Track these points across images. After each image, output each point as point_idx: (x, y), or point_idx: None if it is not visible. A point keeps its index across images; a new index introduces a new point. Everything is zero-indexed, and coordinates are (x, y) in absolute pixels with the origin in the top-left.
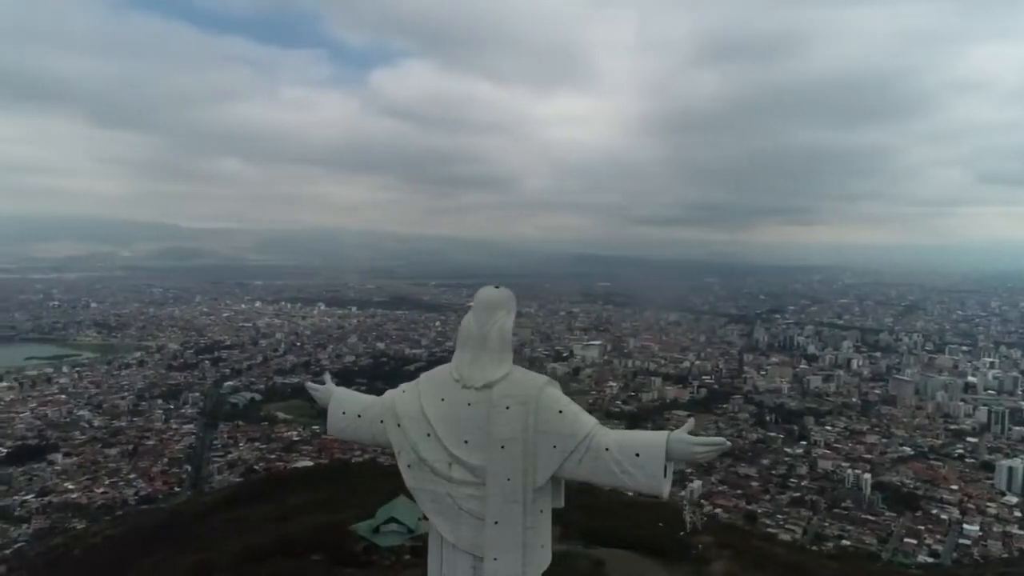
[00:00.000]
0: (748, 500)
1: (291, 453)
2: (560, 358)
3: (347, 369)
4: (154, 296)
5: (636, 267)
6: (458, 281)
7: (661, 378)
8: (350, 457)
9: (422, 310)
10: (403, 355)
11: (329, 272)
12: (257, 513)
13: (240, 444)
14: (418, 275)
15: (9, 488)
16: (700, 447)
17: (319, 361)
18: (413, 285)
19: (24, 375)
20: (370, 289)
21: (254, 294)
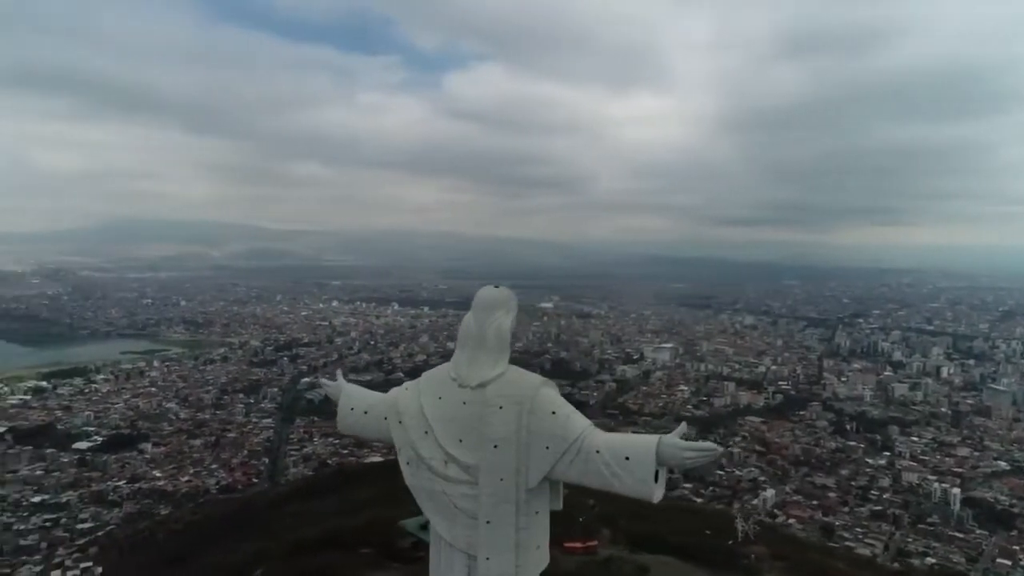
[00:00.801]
0: (825, 512)
1: (363, 449)
2: (630, 360)
3: (418, 368)
4: (238, 295)
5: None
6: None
7: (735, 383)
8: None
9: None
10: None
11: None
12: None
13: (314, 439)
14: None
15: (104, 474)
16: (690, 452)
17: (391, 359)
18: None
19: (119, 368)
20: (442, 289)
21: (331, 294)
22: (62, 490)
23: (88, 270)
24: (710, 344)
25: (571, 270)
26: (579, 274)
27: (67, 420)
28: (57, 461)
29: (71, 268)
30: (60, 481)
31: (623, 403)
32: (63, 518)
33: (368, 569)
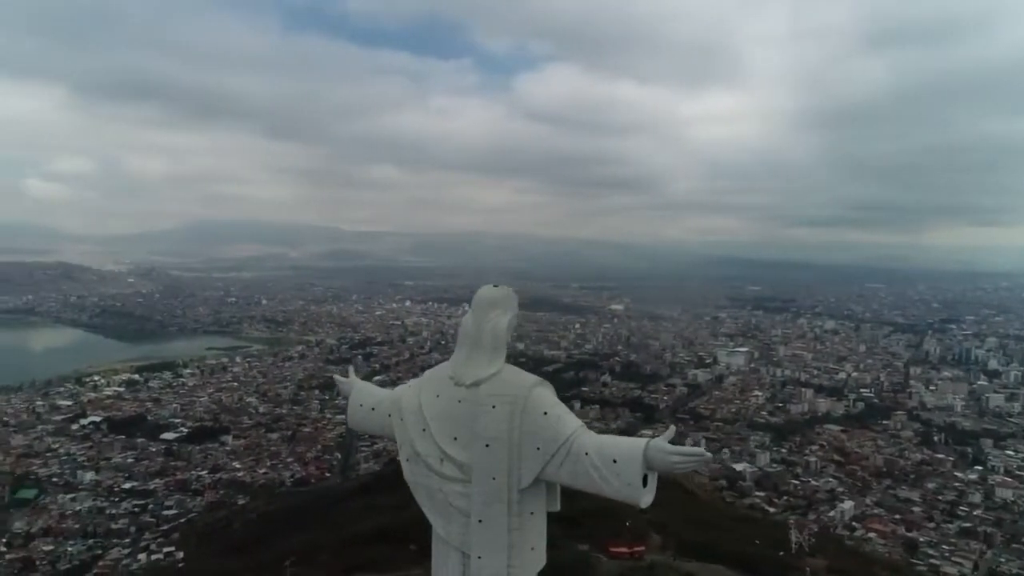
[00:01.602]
0: (908, 527)
1: None
2: (702, 364)
3: None
4: (315, 294)
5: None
6: (600, 284)
7: (813, 389)
8: None
9: (562, 312)
10: (541, 356)
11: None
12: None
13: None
14: (559, 277)
15: (188, 464)
16: (678, 457)
17: None
18: (554, 287)
19: (205, 363)
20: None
21: (405, 294)
22: (150, 478)
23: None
24: (787, 349)
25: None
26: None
27: (156, 412)
28: (146, 450)
29: (163, 268)
30: (148, 469)
31: (694, 408)
32: (150, 504)
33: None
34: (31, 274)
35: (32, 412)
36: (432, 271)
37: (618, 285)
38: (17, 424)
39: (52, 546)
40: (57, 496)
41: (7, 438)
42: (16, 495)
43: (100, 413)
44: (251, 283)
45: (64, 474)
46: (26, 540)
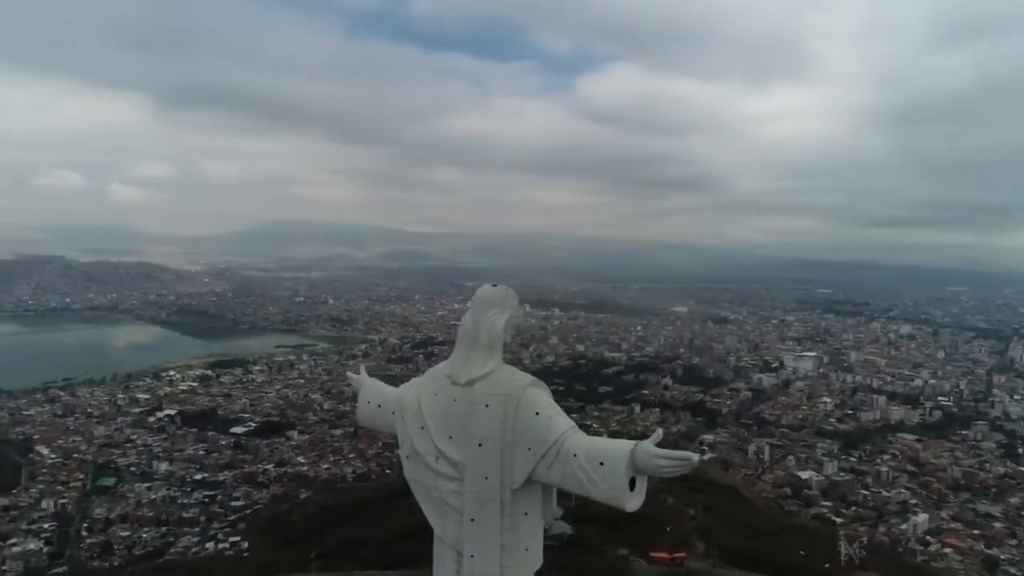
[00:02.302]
0: (988, 543)
1: None
2: (768, 368)
3: (546, 369)
4: (379, 294)
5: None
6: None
7: (886, 396)
8: None
9: (623, 314)
10: (602, 358)
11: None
12: None
13: None
14: (621, 278)
15: (255, 457)
16: (664, 460)
17: (520, 360)
18: (615, 289)
19: (273, 360)
20: (573, 292)
21: (466, 294)
22: (219, 470)
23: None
24: (859, 354)
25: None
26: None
27: (227, 406)
28: (216, 443)
29: (236, 268)
30: (218, 461)
31: (758, 413)
32: (219, 495)
33: None
34: (115, 273)
35: (113, 404)
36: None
37: (681, 287)
38: (100, 415)
39: (128, 532)
40: (134, 485)
41: (91, 428)
42: (97, 483)
43: (175, 407)
44: (318, 283)
45: (141, 464)
46: (105, 525)
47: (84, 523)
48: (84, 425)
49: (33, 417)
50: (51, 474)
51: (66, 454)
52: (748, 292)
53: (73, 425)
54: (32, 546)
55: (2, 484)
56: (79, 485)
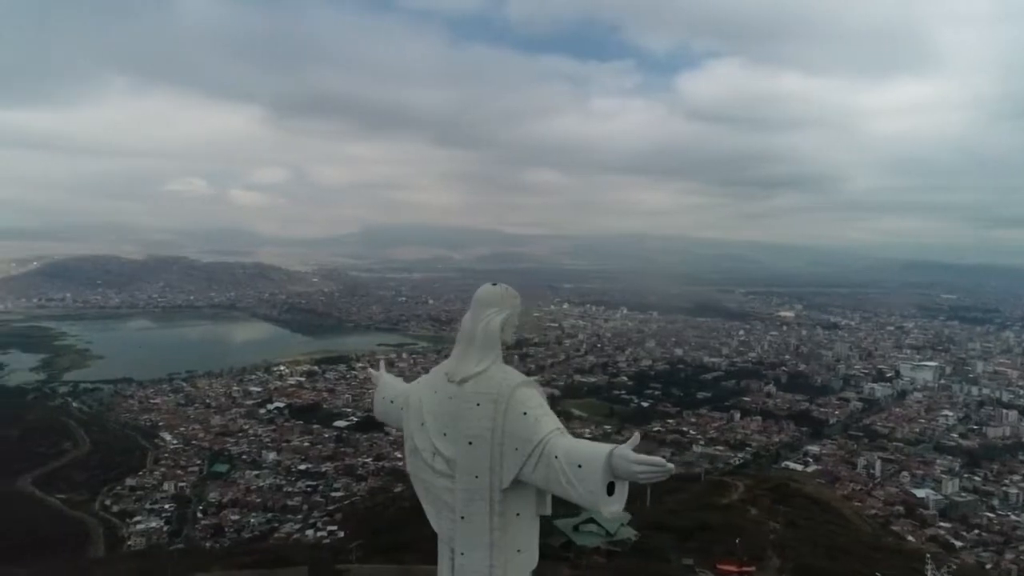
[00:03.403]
0: None
1: None
2: (882, 378)
3: (643, 373)
4: None
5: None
6: (768, 289)
7: (1017, 411)
8: None
9: (725, 318)
10: (701, 363)
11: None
12: None
13: None
14: (724, 282)
15: (356, 450)
16: (640, 466)
17: (616, 363)
18: (718, 292)
19: (375, 358)
20: (673, 295)
21: (563, 296)
22: (322, 461)
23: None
24: (987, 365)
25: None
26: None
27: (331, 401)
28: (320, 436)
29: (343, 269)
30: (321, 453)
31: (869, 425)
32: (320, 485)
33: None
34: (233, 273)
35: (229, 396)
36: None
37: (788, 290)
38: (217, 405)
39: (238, 516)
40: (245, 472)
41: (208, 417)
42: (212, 468)
43: (284, 399)
44: (419, 284)
45: (251, 452)
46: (218, 509)
47: (200, 506)
48: (203, 414)
49: (159, 405)
50: (172, 459)
51: (186, 440)
52: (862, 296)
53: (193, 414)
54: (154, 524)
55: (130, 466)
56: (196, 470)
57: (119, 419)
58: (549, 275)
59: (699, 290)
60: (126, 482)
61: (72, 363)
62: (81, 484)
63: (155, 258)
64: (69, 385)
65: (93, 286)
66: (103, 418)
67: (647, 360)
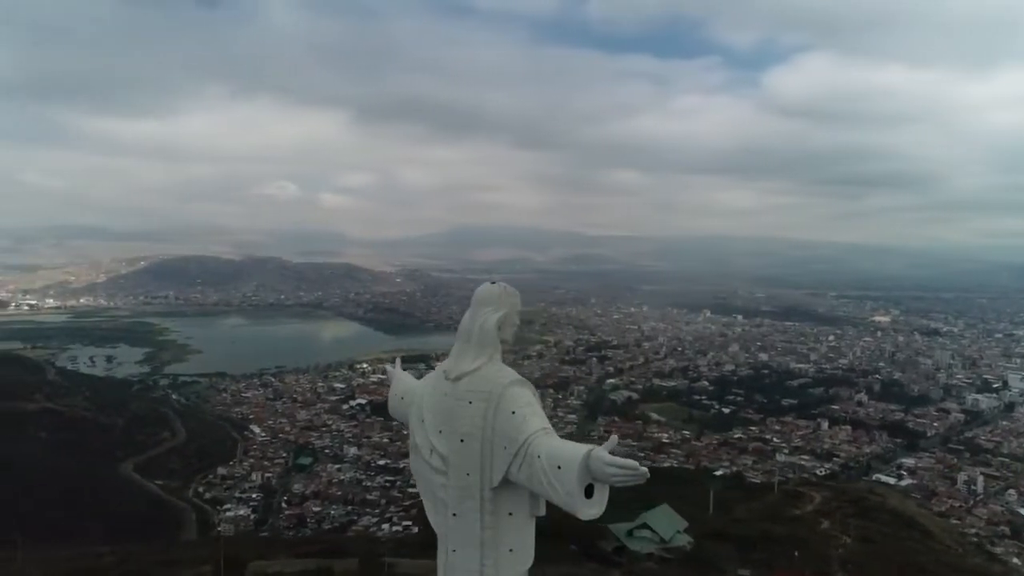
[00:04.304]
0: None
1: (659, 454)
2: (987, 388)
3: (725, 378)
4: (556, 296)
5: None
6: (863, 292)
7: None
8: (716, 467)
9: (815, 322)
10: (787, 369)
11: (717, 279)
12: None
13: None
14: (816, 285)
15: None
16: (614, 469)
17: (697, 367)
18: (808, 295)
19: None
20: (759, 298)
21: (643, 298)
22: (401, 457)
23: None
24: None
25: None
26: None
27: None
28: (400, 433)
29: (425, 269)
30: (400, 449)
31: (972, 438)
32: (398, 481)
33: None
34: (322, 273)
35: (314, 391)
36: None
37: (884, 294)
38: (303, 400)
39: (319, 508)
40: (327, 465)
41: (295, 412)
42: (297, 461)
43: (365, 396)
44: None
45: (334, 447)
46: (301, 500)
47: (284, 496)
48: (289, 408)
49: (249, 399)
50: (260, 450)
51: (273, 433)
52: (966, 302)
53: (281, 408)
54: (242, 512)
55: (222, 456)
56: (282, 462)
57: (213, 411)
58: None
59: (786, 293)
60: (217, 471)
61: (173, 357)
62: (177, 471)
63: (250, 258)
64: (169, 378)
65: (193, 284)
66: (199, 410)
67: (729, 365)
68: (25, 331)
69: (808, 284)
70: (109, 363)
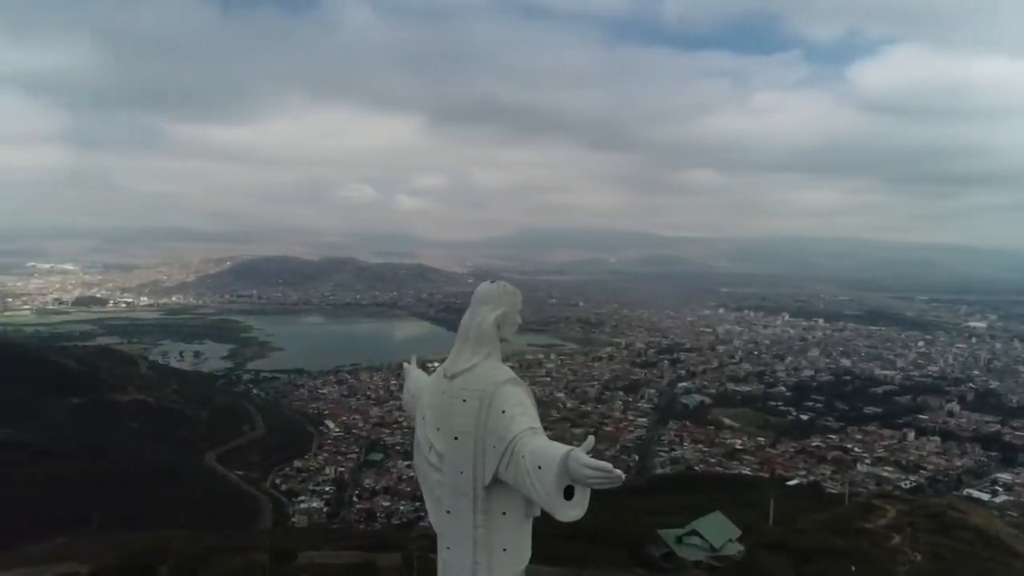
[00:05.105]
0: None
1: (731, 460)
2: None
3: (804, 383)
4: (629, 298)
5: None
6: (956, 296)
7: None
8: (791, 476)
9: (903, 327)
10: (871, 375)
11: (798, 281)
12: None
13: (684, 443)
14: (904, 288)
15: None
16: (590, 471)
17: (774, 372)
18: (896, 299)
19: (523, 358)
20: (842, 301)
21: (719, 301)
22: None
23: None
24: None
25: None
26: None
27: None
28: None
29: (496, 270)
30: None
31: None
32: None
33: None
34: (396, 274)
35: (387, 389)
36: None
37: (980, 298)
38: (376, 398)
39: (389, 503)
40: (397, 461)
41: (368, 408)
42: (369, 456)
43: None
44: (571, 286)
45: (404, 444)
46: (371, 495)
47: (356, 491)
48: (363, 405)
49: (325, 395)
50: (334, 445)
51: (347, 429)
52: None
53: (355, 404)
54: (315, 504)
55: (298, 450)
56: (355, 457)
57: (291, 406)
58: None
59: (872, 296)
60: (293, 464)
61: (255, 353)
62: (255, 463)
63: (328, 259)
64: (251, 373)
65: (275, 284)
66: (277, 404)
67: (809, 370)
68: (122, 326)
69: (896, 287)
70: (196, 358)
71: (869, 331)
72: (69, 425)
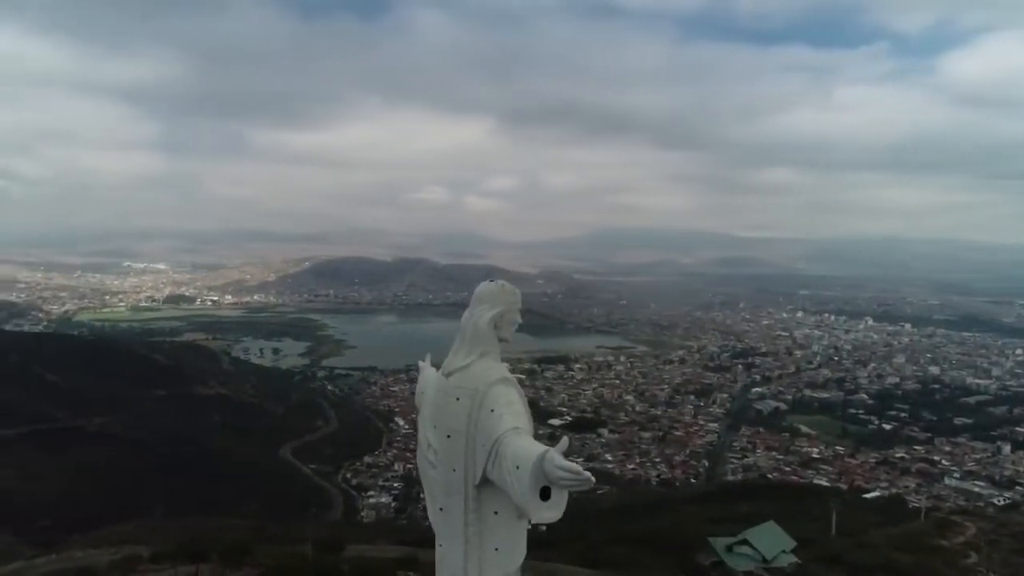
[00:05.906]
0: None
1: (807, 469)
2: None
3: (887, 391)
4: (703, 300)
5: None
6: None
7: None
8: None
9: (1000, 334)
10: (962, 384)
11: (883, 284)
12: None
13: (758, 450)
14: (1002, 292)
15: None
16: (563, 472)
17: (855, 378)
18: (993, 303)
19: (592, 360)
20: (932, 305)
21: (798, 304)
22: None
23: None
24: None
25: None
26: None
27: (547, 399)
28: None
29: (567, 271)
30: None
31: None
32: None
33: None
34: (467, 274)
35: None
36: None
37: None
38: None
39: None
40: None
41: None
42: None
43: None
44: (642, 287)
45: None
46: None
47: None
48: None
49: (396, 393)
50: (403, 442)
51: (416, 426)
52: None
53: None
54: (384, 499)
55: (368, 445)
56: None
57: (363, 403)
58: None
59: (966, 301)
60: (364, 459)
61: (330, 351)
62: (328, 457)
63: (401, 260)
64: (326, 370)
65: (351, 284)
66: (350, 401)
67: (893, 377)
68: (207, 323)
69: (992, 291)
70: (275, 355)
71: (961, 337)
72: (155, 416)
